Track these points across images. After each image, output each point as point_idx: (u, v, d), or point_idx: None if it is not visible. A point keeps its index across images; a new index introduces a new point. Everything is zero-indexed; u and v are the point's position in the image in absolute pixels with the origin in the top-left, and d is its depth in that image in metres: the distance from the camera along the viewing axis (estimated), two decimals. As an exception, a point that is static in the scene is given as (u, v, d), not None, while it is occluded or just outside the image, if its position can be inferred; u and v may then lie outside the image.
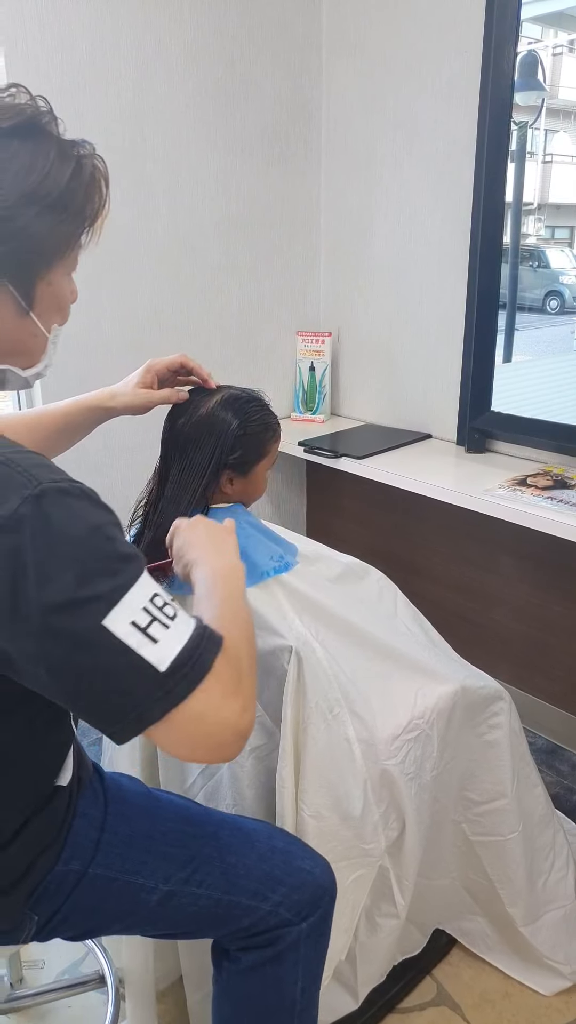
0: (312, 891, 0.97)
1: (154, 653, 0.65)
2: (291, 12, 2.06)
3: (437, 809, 1.22)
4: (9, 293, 0.74)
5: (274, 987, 0.96)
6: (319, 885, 0.98)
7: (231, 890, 0.93)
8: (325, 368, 2.29)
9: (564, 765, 1.93)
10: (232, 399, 1.13)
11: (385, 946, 1.22)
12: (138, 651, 0.65)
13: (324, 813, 1.09)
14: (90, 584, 0.64)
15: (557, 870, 1.37)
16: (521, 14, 1.73)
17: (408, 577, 2.23)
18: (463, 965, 1.40)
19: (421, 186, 1.99)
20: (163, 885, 0.91)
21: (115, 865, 0.90)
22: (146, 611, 0.66)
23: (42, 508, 0.64)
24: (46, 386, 1.85)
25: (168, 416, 1.15)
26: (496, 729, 1.26)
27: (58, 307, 0.80)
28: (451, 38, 1.83)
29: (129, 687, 0.65)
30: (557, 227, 8.70)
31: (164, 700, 0.66)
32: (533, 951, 1.34)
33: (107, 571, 0.66)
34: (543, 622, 1.98)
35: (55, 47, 1.69)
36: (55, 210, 0.73)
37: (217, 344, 2.17)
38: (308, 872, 0.98)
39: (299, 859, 0.99)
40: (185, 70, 1.91)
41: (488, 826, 1.29)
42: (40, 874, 0.86)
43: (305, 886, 0.96)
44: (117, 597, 0.65)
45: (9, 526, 0.63)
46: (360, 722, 1.12)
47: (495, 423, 1.98)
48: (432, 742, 1.17)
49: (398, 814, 1.15)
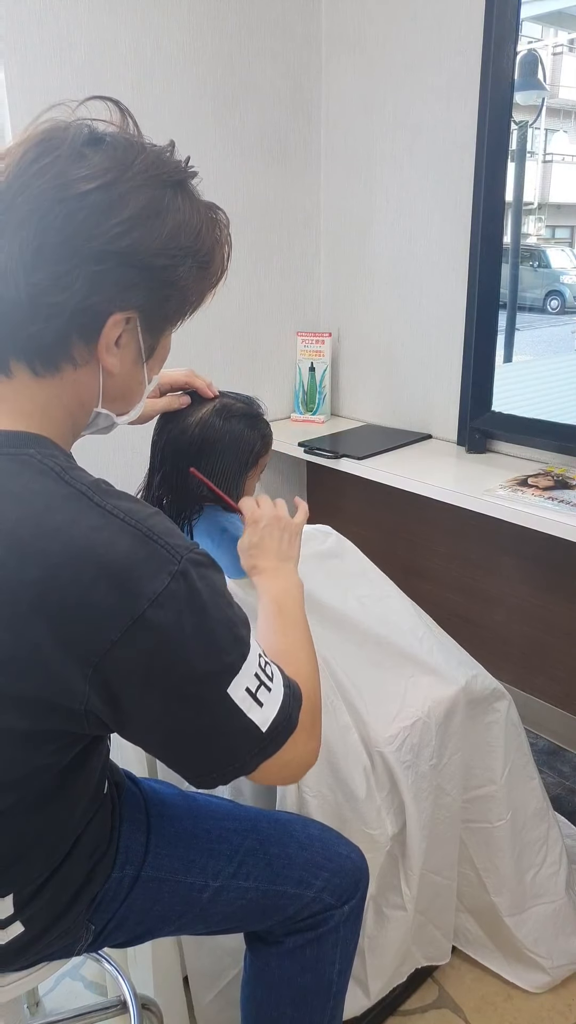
0: (352, 874, 0.99)
1: (259, 715, 0.71)
2: (290, 12, 2.05)
3: (446, 803, 1.22)
4: (137, 341, 0.74)
5: (313, 969, 0.98)
6: (357, 868, 1.00)
7: (276, 880, 0.95)
8: (325, 368, 2.29)
9: (566, 766, 1.92)
10: (225, 412, 1.11)
11: (394, 941, 1.22)
12: (248, 714, 0.70)
13: (325, 792, 1.10)
14: (222, 655, 0.69)
15: (549, 865, 1.36)
16: (521, 13, 1.72)
17: (409, 578, 2.22)
18: (465, 967, 1.40)
19: (421, 186, 1.99)
20: (212, 882, 0.93)
21: (165, 866, 0.92)
22: (256, 676, 0.72)
23: (188, 584, 0.66)
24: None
25: (162, 419, 1.13)
26: (491, 715, 1.27)
27: (162, 359, 0.82)
28: (451, 37, 1.82)
29: (234, 746, 0.71)
30: (558, 227, 8.70)
31: (260, 755, 0.73)
32: (516, 943, 1.34)
33: (236, 639, 0.70)
34: (544, 623, 1.97)
35: (53, 48, 1.69)
36: (202, 266, 0.75)
37: (217, 345, 2.17)
38: (346, 856, 1.00)
39: (336, 845, 1.01)
40: (184, 71, 1.91)
41: (475, 812, 1.29)
42: (100, 882, 0.87)
43: (345, 871, 0.99)
44: (240, 665, 0.70)
45: (161, 600, 0.64)
46: (355, 711, 1.13)
47: (496, 423, 1.98)
48: (430, 731, 1.17)
49: (400, 802, 1.16)
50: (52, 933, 0.84)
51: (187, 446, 1.09)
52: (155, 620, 0.63)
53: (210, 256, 0.76)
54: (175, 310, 0.77)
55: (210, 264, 0.76)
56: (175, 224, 0.71)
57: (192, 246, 0.72)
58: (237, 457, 1.10)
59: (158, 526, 0.67)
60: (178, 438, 1.10)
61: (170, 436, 1.11)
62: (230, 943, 1.18)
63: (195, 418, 1.10)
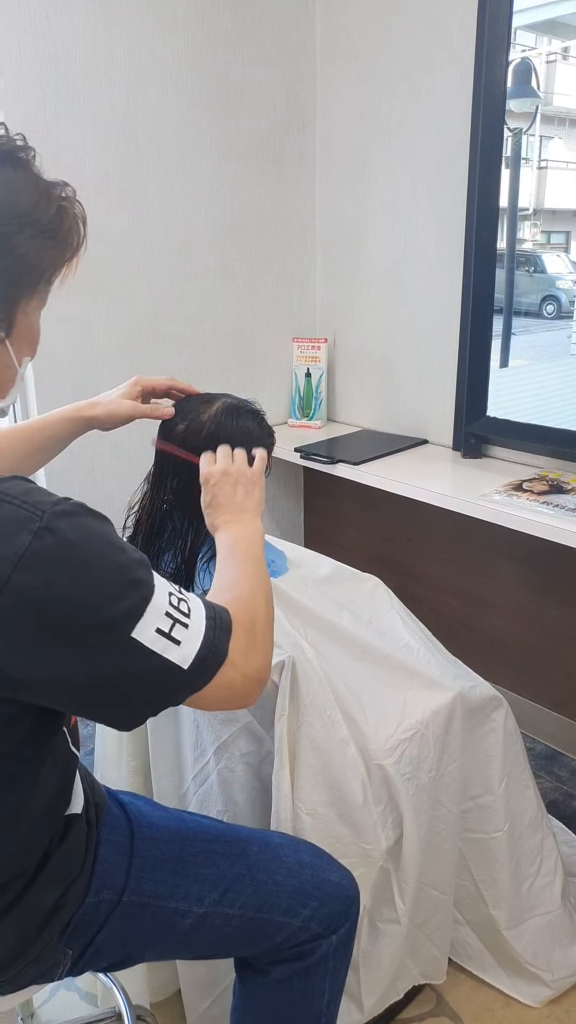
0: (341, 903, 0.96)
1: (178, 654, 0.70)
2: (285, 20, 2.07)
3: (442, 815, 1.21)
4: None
5: (302, 1001, 0.95)
6: (348, 896, 0.97)
7: (263, 908, 0.92)
8: (321, 374, 2.29)
9: (563, 771, 1.92)
10: (235, 409, 1.11)
11: (388, 955, 1.21)
12: (164, 655, 0.69)
13: (320, 810, 1.09)
14: (117, 601, 0.66)
15: (544, 875, 1.35)
16: (513, 22, 1.74)
17: (405, 582, 2.22)
18: (463, 975, 1.39)
19: (416, 192, 2.00)
20: (196, 908, 0.90)
21: (148, 890, 0.89)
22: (168, 615, 0.69)
23: (57, 538, 0.64)
24: (40, 393, 1.85)
25: (163, 429, 1.12)
26: (490, 725, 1.26)
27: (30, 339, 0.80)
28: (444, 45, 1.83)
29: (155, 687, 0.70)
30: (553, 232, 8.73)
31: (187, 689, 0.72)
32: (516, 957, 1.32)
33: (131, 583, 0.68)
34: (541, 627, 1.98)
35: (49, 55, 1.70)
36: (46, 235, 0.74)
37: (213, 351, 2.17)
38: (336, 884, 0.97)
39: (327, 871, 0.98)
40: (179, 78, 1.92)
41: (472, 822, 1.28)
42: (72, 908, 0.85)
43: (335, 899, 0.96)
44: (142, 608, 0.68)
45: (25, 561, 0.62)
46: (353, 724, 1.12)
47: (491, 428, 1.98)
48: (428, 743, 1.16)
49: (396, 815, 1.15)
50: (24, 959, 0.82)
51: (202, 443, 1.06)
52: (23, 583, 0.62)
53: (56, 225, 0.75)
54: (23, 281, 0.75)
55: (57, 233, 0.76)
56: (7, 193, 0.71)
57: (30, 215, 0.72)
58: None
59: (13, 488, 0.66)
60: (190, 439, 1.07)
61: (184, 437, 1.08)
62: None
63: (207, 415, 1.08)
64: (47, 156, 0.78)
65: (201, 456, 1.03)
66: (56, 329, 1.84)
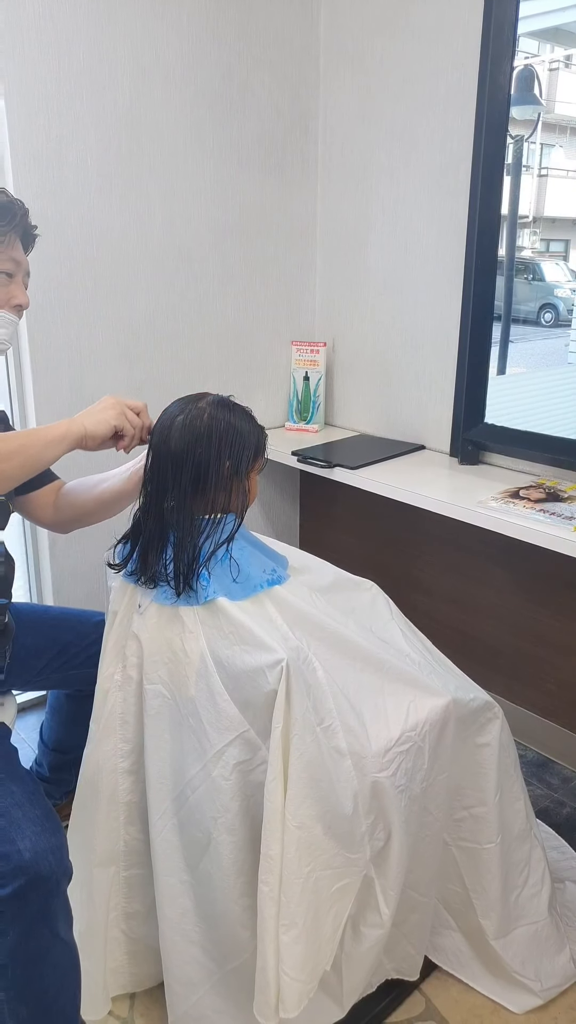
0: (13, 869, 0.99)
1: None
2: (289, 23, 2.07)
3: (428, 821, 1.21)
4: None
5: None
6: (19, 866, 1.00)
7: None
8: (319, 378, 2.29)
9: (554, 778, 1.92)
10: (227, 404, 1.15)
11: (370, 956, 1.21)
12: None
13: (309, 824, 1.09)
14: None
15: (531, 886, 1.35)
16: (518, 29, 1.74)
17: (400, 588, 2.22)
18: (451, 980, 1.39)
19: (417, 198, 2.00)
20: None
21: None
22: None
23: None
24: (39, 392, 1.84)
25: (159, 429, 1.15)
26: (485, 737, 1.26)
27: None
28: (448, 52, 1.84)
29: None
30: (552, 240, 8.76)
31: None
32: (504, 966, 1.33)
33: None
34: (535, 635, 1.98)
35: (52, 55, 1.69)
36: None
37: (212, 353, 2.17)
38: (17, 851, 1.00)
39: (18, 834, 1.02)
40: (182, 79, 1.92)
41: (466, 832, 1.28)
42: None
43: (7, 856, 1.00)
44: None
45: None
46: (351, 734, 1.11)
47: (489, 435, 1.98)
48: (423, 755, 1.16)
49: (385, 825, 1.15)
50: None
51: (199, 436, 1.11)
52: None
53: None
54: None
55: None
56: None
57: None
58: (245, 447, 1.14)
59: None
60: (185, 435, 1.11)
61: (181, 434, 1.12)
62: (207, 954, 1.17)
63: (196, 410, 1.12)
64: (49, 155, 0.78)
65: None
66: (55, 329, 1.84)
